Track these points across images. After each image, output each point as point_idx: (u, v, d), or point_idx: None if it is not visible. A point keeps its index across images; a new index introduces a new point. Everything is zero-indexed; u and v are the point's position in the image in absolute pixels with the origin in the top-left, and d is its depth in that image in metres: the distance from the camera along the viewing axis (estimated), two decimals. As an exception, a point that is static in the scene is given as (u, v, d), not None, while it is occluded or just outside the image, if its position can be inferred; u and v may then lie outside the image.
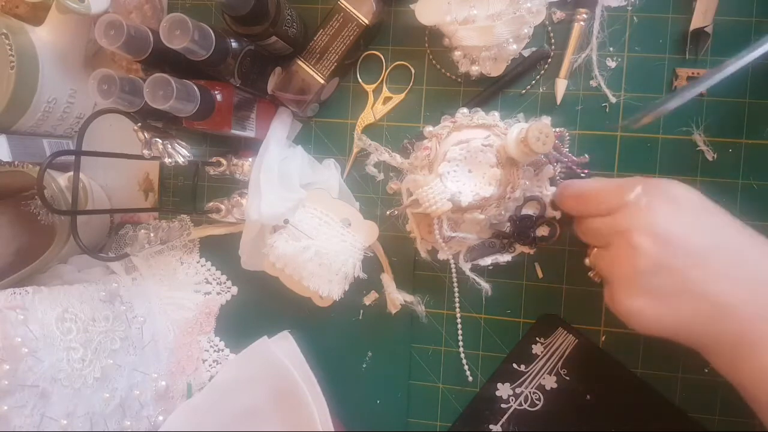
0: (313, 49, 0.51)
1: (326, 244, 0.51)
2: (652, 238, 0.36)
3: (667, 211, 0.37)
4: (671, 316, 0.37)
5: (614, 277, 0.39)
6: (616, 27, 0.50)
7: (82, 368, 0.47)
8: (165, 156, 0.47)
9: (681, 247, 0.36)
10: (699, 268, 0.36)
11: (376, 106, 0.54)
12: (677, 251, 0.36)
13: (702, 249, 0.36)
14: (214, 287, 0.57)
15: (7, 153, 0.50)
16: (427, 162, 0.47)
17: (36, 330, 0.45)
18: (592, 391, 0.51)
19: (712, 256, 0.36)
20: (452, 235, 0.48)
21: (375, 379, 0.54)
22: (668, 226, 0.36)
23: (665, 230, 0.36)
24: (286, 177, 0.52)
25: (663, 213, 0.36)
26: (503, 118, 0.49)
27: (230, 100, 0.48)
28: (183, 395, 0.55)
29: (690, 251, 0.36)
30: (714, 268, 0.36)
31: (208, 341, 0.57)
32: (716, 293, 0.35)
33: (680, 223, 0.36)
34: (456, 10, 0.47)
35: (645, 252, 0.36)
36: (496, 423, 0.52)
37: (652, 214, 0.37)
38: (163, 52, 0.43)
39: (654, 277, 0.36)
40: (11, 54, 0.48)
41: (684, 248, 0.36)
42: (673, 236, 0.36)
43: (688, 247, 0.36)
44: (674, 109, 0.43)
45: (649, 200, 0.37)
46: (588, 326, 0.51)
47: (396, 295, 0.52)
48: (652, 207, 0.37)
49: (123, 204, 0.60)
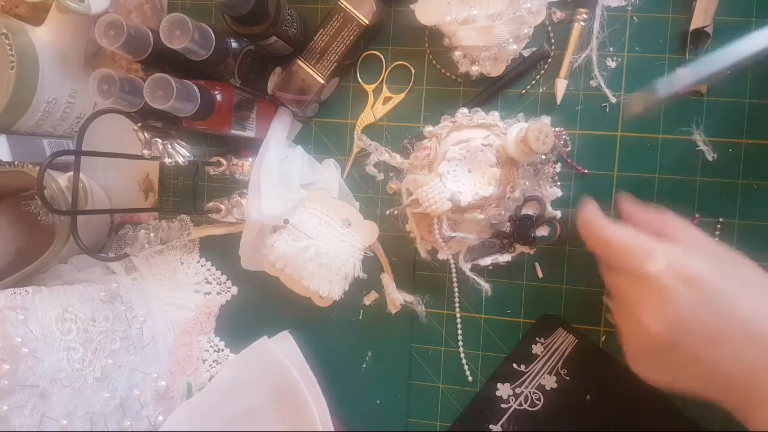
0: (313, 49, 0.51)
1: (326, 244, 0.51)
2: (662, 324, 0.36)
3: (684, 296, 0.36)
4: (680, 383, 0.38)
5: (624, 337, 0.40)
6: (616, 27, 0.50)
7: (82, 368, 0.47)
8: (165, 156, 0.47)
9: (692, 329, 0.36)
10: (710, 348, 0.36)
11: (376, 106, 0.54)
12: (688, 333, 0.36)
13: (715, 329, 0.36)
14: (214, 287, 0.57)
15: (7, 153, 0.50)
16: (427, 162, 0.47)
17: (36, 330, 0.45)
18: (592, 391, 0.51)
19: (726, 335, 0.36)
20: (452, 235, 0.48)
21: (375, 379, 0.54)
22: (682, 312, 0.36)
23: (678, 316, 0.36)
24: (286, 177, 0.52)
25: (679, 299, 0.36)
26: (503, 118, 0.49)
27: (230, 100, 0.48)
28: (183, 395, 0.55)
29: (702, 332, 0.36)
30: (726, 346, 0.36)
31: (208, 341, 0.57)
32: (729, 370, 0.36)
33: (695, 308, 0.36)
34: (456, 10, 0.47)
35: (653, 334, 0.37)
36: (496, 423, 0.52)
37: (667, 297, 0.37)
38: (163, 52, 0.43)
39: (661, 353, 0.37)
40: (11, 54, 0.48)
41: (695, 330, 0.36)
42: (685, 319, 0.36)
43: (701, 328, 0.36)
44: (681, 90, 0.42)
45: (669, 279, 0.37)
46: (588, 326, 0.51)
47: (396, 295, 0.52)
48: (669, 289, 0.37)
49: (123, 204, 0.60)
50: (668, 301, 0.36)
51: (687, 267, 0.37)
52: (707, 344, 0.36)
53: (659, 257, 0.38)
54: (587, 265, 0.48)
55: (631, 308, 0.39)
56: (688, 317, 0.36)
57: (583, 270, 0.50)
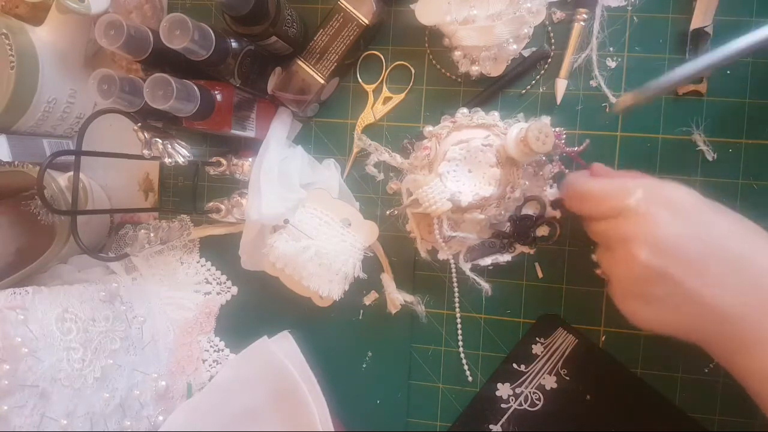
0: (313, 49, 0.51)
1: (326, 244, 0.51)
2: (649, 248, 0.36)
3: (666, 218, 0.37)
4: (669, 320, 0.37)
5: (614, 280, 0.40)
6: (616, 27, 0.50)
7: (82, 368, 0.47)
8: (165, 156, 0.47)
9: (679, 255, 0.36)
10: (696, 276, 0.36)
11: (376, 106, 0.54)
12: (675, 260, 0.36)
13: (700, 256, 0.36)
14: (214, 287, 0.57)
15: (7, 153, 0.50)
16: (427, 162, 0.47)
17: (36, 330, 0.45)
18: (592, 391, 0.51)
19: (711, 263, 0.36)
20: (452, 235, 0.48)
21: (375, 379, 0.54)
22: (666, 234, 0.36)
23: (663, 239, 0.36)
24: (286, 177, 0.52)
25: (662, 221, 0.37)
26: (503, 118, 0.49)
27: (230, 100, 0.48)
28: (183, 395, 0.55)
29: (688, 259, 0.36)
30: (712, 274, 0.36)
31: (208, 341, 0.57)
32: (714, 299, 0.35)
33: (678, 231, 0.36)
34: (456, 10, 0.47)
35: (642, 261, 0.36)
36: (496, 423, 0.52)
37: (651, 222, 0.37)
38: (163, 52, 0.43)
39: (651, 285, 0.37)
40: (11, 54, 0.48)
41: (682, 256, 0.36)
42: (671, 245, 0.36)
43: (686, 254, 0.36)
44: (679, 80, 0.42)
45: (648, 206, 0.37)
46: (588, 326, 0.51)
47: (396, 295, 0.52)
48: (650, 214, 0.37)
49: (123, 204, 0.60)
50: (652, 226, 0.36)
51: (663, 192, 0.38)
52: (693, 274, 0.36)
53: (636, 190, 0.38)
54: (587, 265, 0.48)
55: (618, 247, 0.38)
56: (673, 242, 0.36)
57: (583, 270, 0.50)
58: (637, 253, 0.36)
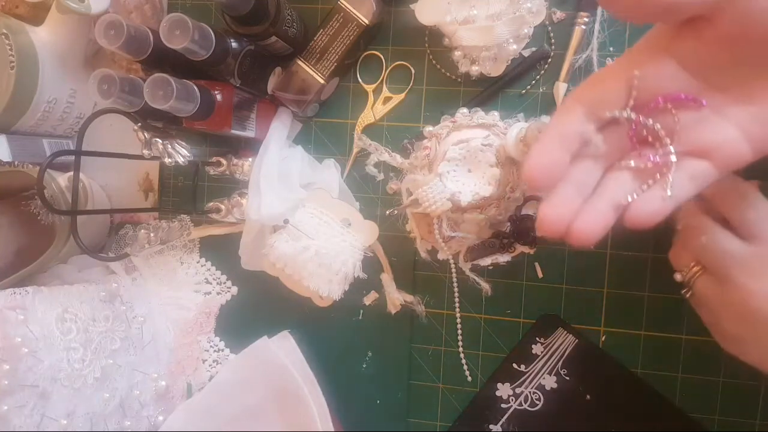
0: (313, 49, 0.51)
1: (326, 244, 0.51)
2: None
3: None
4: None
5: (724, 316, 0.38)
6: (616, 27, 0.50)
7: (82, 368, 0.47)
8: (165, 156, 0.47)
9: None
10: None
11: (376, 106, 0.54)
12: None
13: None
14: (214, 287, 0.57)
15: (7, 153, 0.50)
16: (427, 162, 0.48)
17: (36, 330, 0.45)
18: (592, 391, 0.51)
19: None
20: (452, 235, 0.48)
21: (375, 379, 0.54)
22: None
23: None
24: (286, 177, 0.52)
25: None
26: (503, 118, 0.49)
27: (230, 100, 0.48)
28: (183, 395, 0.55)
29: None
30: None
31: (208, 341, 0.57)
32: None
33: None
34: (456, 10, 0.47)
35: (761, 319, 0.35)
36: (496, 423, 0.52)
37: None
38: (163, 52, 0.43)
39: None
40: (11, 54, 0.48)
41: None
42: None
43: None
44: None
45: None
46: (588, 326, 0.51)
47: (396, 295, 0.52)
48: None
49: (123, 204, 0.60)
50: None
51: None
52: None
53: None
54: (587, 265, 0.48)
55: (732, 283, 0.36)
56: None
57: (583, 270, 0.50)
58: (760, 307, 0.35)
